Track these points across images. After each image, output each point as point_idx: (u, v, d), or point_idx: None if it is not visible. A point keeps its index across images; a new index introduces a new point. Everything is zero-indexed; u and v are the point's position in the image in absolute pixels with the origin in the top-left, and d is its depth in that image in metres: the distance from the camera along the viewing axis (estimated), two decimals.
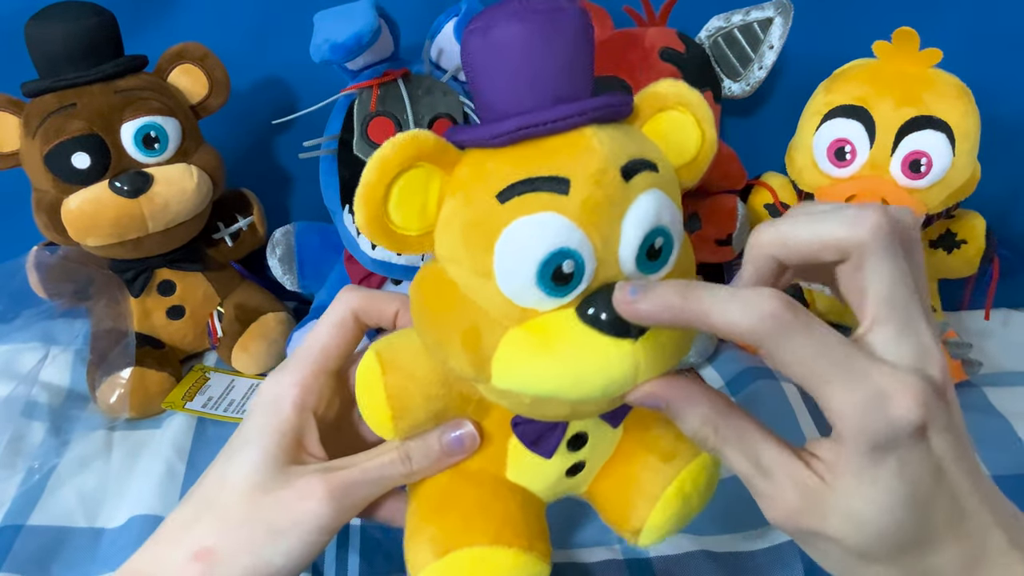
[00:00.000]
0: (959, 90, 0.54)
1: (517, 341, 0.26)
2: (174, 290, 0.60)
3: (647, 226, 0.26)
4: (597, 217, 0.25)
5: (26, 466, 0.52)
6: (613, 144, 0.26)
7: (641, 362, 0.26)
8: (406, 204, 0.27)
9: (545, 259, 0.25)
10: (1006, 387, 0.59)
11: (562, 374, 0.26)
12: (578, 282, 0.26)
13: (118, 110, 0.53)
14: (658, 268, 0.27)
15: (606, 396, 0.26)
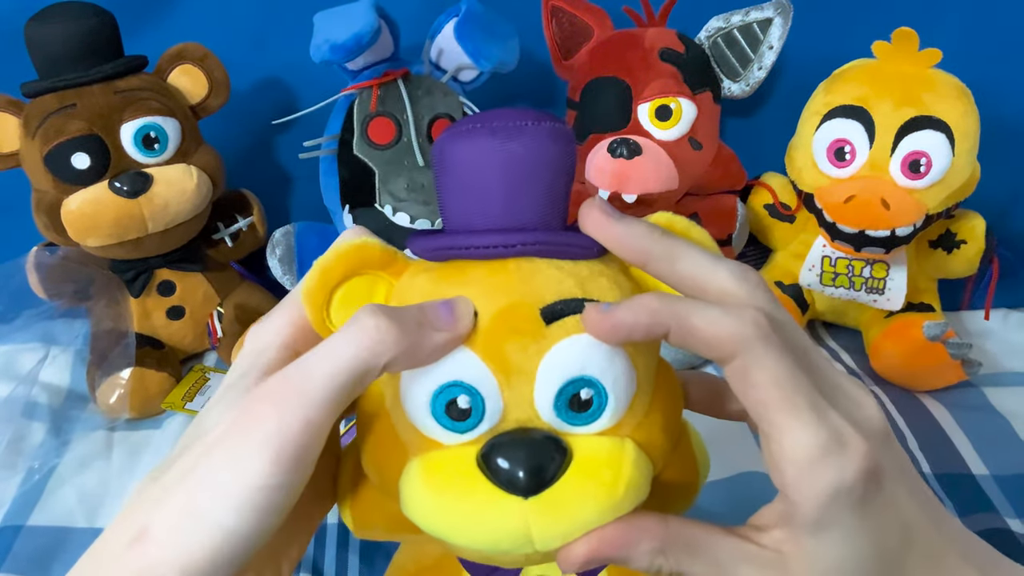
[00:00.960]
0: (959, 90, 0.54)
1: (412, 474, 0.24)
2: (174, 290, 0.60)
3: (563, 375, 0.23)
4: (501, 355, 0.23)
5: (26, 466, 0.52)
6: (541, 282, 0.24)
7: (532, 523, 0.23)
8: (347, 311, 0.25)
9: (437, 391, 0.24)
10: (1006, 387, 0.59)
11: (448, 520, 0.24)
12: (477, 419, 0.24)
13: (118, 110, 0.53)
14: (590, 420, 0.24)
15: (501, 552, 0.24)
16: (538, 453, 0.23)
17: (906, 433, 0.54)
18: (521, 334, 0.24)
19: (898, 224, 0.53)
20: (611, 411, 0.24)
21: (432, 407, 0.24)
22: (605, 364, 0.24)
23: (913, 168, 0.53)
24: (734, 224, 0.62)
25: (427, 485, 0.24)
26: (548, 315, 0.24)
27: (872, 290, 0.59)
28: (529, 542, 0.23)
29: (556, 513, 0.23)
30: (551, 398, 0.24)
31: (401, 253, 0.26)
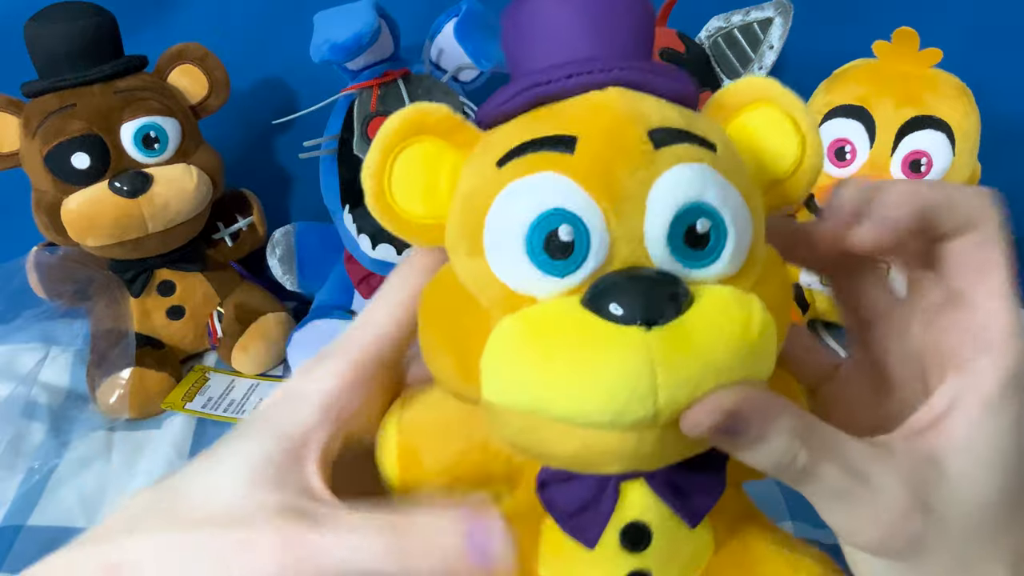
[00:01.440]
0: (959, 90, 0.54)
1: (505, 333, 0.20)
2: (174, 290, 0.60)
3: (679, 201, 0.20)
4: (608, 179, 0.20)
5: (26, 467, 0.52)
6: (644, 106, 0.22)
7: (658, 360, 0.19)
8: (407, 182, 0.23)
9: (535, 221, 0.20)
10: None
11: (551, 374, 0.19)
12: (582, 256, 0.20)
13: (118, 110, 0.53)
14: (707, 261, 0.21)
15: (614, 414, 0.19)
16: (656, 290, 0.20)
17: None
18: (629, 157, 0.21)
19: None
20: (731, 251, 0.21)
21: (528, 243, 0.20)
22: (724, 196, 0.21)
23: (914, 168, 0.53)
24: None
25: (527, 336, 0.20)
26: (658, 139, 0.21)
27: None
28: (653, 391, 0.19)
29: (684, 348, 0.19)
30: (664, 229, 0.20)
31: (468, 122, 0.24)
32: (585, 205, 0.20)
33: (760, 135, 0.23)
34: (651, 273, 0.20)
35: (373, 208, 0.23)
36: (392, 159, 0.23)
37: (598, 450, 0.20)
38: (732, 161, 0.22)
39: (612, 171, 0.20)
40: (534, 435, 0.21)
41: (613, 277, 0.20)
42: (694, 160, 0.21)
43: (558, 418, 0.20)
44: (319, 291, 0.63)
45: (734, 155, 0.23)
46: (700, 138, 0.22)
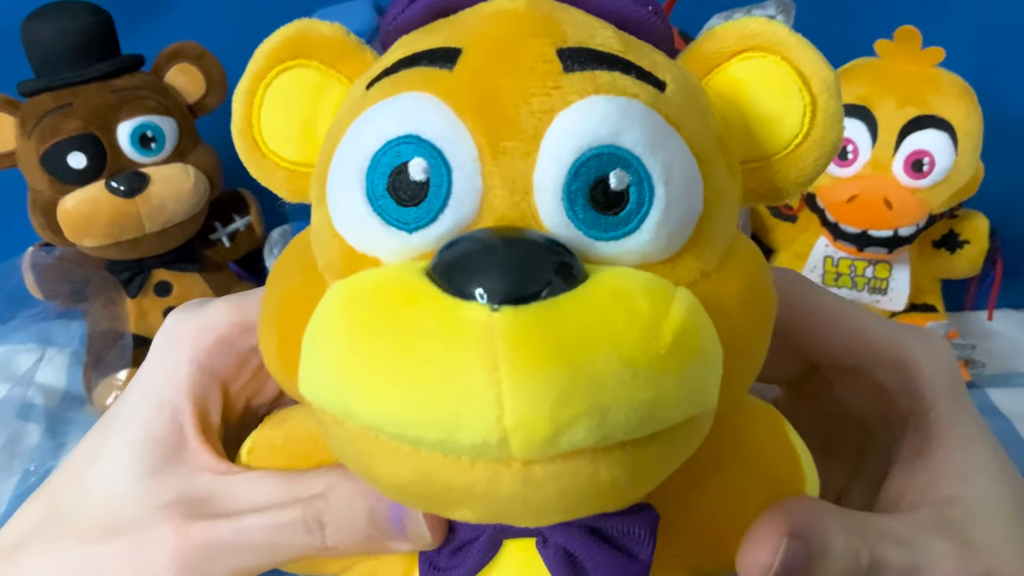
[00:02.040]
0: (962, 89, 0.53)
1: (324, 308, 0.15)
2: (171, 291, 0.60)
3: (588, 141, 0.15)
4: (490, 103, 0.15)
5: (22, 468, 0.51)
6: (562, 17, 0.16)
7: (503, 356, 0.13)
8: (280, 117, 0.18)
9: (378, 152, 0.15)
10: (1009, 388, 0.59)
11: (368, 367, 0.14)
12: (440, 203, 0.15)
13: (114, 109, 0.53)
14: (622, 230, 0.15)
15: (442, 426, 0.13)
16: (527, 263, 0.14)
17: None
18: (524, 76, 0.15)
19: (901, 224, 0.53)
20: (658, 220, 0.15)
21: (369, 181, 0.15)
22: (655, 140, 0.15)
23: (916, 167, 0.53)
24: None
25: (340, 317, 0.14)
26: (572, 59, 0.15)
27: (875, 291, 0.59)
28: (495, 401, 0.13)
29: (545, 345, 0.13)
30: (562, 177, 0.15)
31: (368, 48, 0.19)
32: (452, 133, 0.15)
33: (751, 92, 0.17)
34: (536, 238, 0.14)
35: (237, 146, 0.19)
36: (264, 87, 0.19)
37: (438, 483, 0.14)
38: (686, 107, 0.16)
39: (497, 92, 0.15)
40: (360, 452, 0.15)
41: (478, 235, 0.14)
42: (619, 93, 0.15)
43: (374, 431, 0.14)
44: None
45: (693, 101, 0.17)
46: (638, 68, 0.16)
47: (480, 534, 0.18)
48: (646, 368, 0.13)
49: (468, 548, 0.18)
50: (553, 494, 0.14)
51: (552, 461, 0.14)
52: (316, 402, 0.15)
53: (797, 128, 0.17)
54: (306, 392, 0.15)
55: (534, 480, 0.14)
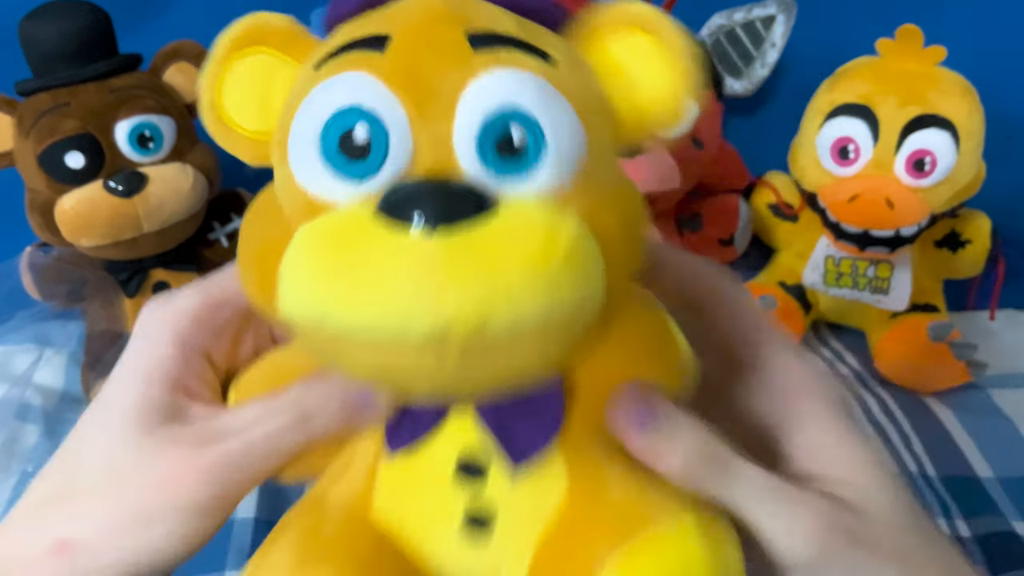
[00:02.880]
0: (963, 88, 0.53)
1: (297, 243, 0.19)
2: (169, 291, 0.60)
3: (491, 104, 0.19)
4: (415, 77, 0.19)
5: (20, 469, 0.51)
6: (470, 8, 0.21)
7: (441, 271, 0.17)
8: (240, 95, 0.23)
9: (330, 119, 0.19)
10: (1011, 388, 0.59)
11: (330, 281, 0.18)
12: (380, 157, 0.19)
13: (112, 109, 0.52)
14: (519, 170, 0.19)
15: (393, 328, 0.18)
16: (451, 196, 0.18)
17: (910, 435, 0.54)
18: (440, 56, 0.20)
19: (903, 223, 0.53)
20: (551, 162, 0.19)
21: (323, 142, 0.20)
22: (545, 101, 0.19)
23: (918, 167, 0.53)
24: (736, 224, 0.62)
25: (312, 242, 0.19)
26: (477, 40, 0.20)
27: (876, 290, 0.59)
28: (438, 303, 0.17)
29: (470, 259, 0.17)
30: (475, 133, 0.19)
31: (311, 35, 0.23)
32: (386, 103, 0.19)
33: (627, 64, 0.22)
34: (453, 182, 0.19)
35: (205, 120, 0.23)
36: (226, 70, 0.23)
37: (398, 368, 0.19)
38: (573, 77, 0.21)
39: (420, 69, 0.19)
40: (335, 352, 0.20)
41: (412, 182, 0.19)
42: (517, 66, 0.20)
43: (344, 332, 0.18)
44: None
45: (579, 72, 0.21)
46: (532, 46, 0.20)
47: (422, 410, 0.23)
48: (545, 273, 0.18)
49: (421, 418, 0.23)
50: (483, 374, 0.19)
51: (481, 349, 0.18)
52: (296, 318, 0.19)
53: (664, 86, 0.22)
54: (287, 312, 0.19)
55: (468, 364, 0.18)
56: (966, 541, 0.46)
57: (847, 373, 0.61)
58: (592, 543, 0.21)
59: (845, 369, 0.62)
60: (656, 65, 0.22)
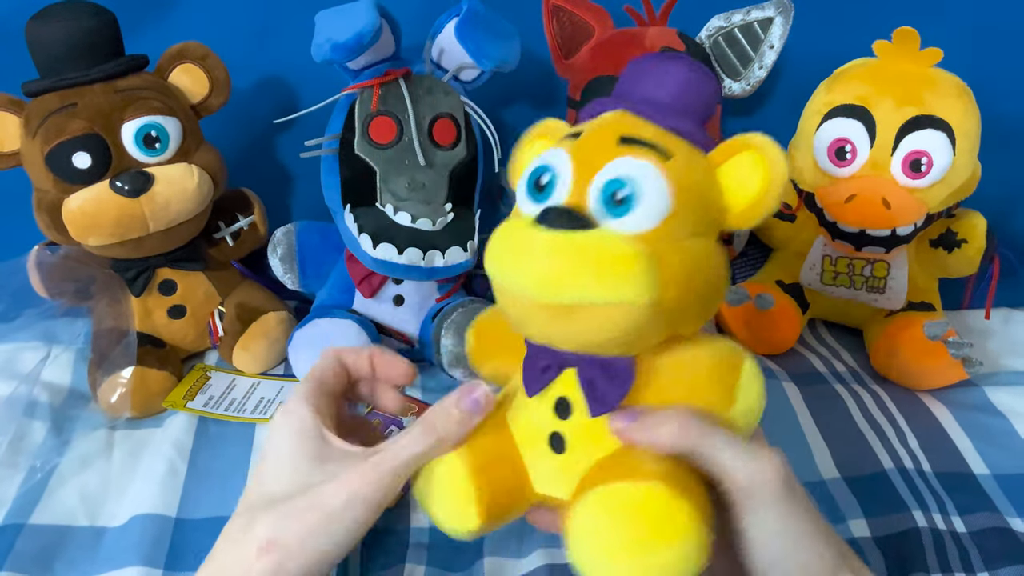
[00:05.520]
0: (960, 89, 0.54)
1: (498, 230, 0.32)
2: (175, 289, 0.60)
3: (611, 175, 0.31)
4: (583, 154, 0.32)
5: (28, 465, 0.52)
6: (628, 122, 0.33)
7: (544, 248, 0.29)
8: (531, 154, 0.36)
9: (534, 169, 0.33)
10: (1007, 386, 0.59)
11: (499, 252, 0.31)
12: (549, 193, 0.32)
13: (119, 110, 0.53)
14: (621, 214, 0.31)
15: (510, 276, 0.30)
16: (570, 216, 0.30)
17: (907, 432, 0.54)
18: (599, 146, 0.32)
19: (899, 223, 0.53)
20: (640, 212, 0.30)
21: (528, 182, 0.33)
22: (646, 174, 0.31)
23: (914, 167, 0.53)
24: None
25: (500, 229, 0.32)
26: (624, 140, 0.32)
27: (873, 289, 0.60)
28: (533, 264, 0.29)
29: (565, 246, 0.29)
30: (600, 187, 0.31)
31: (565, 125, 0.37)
32: (563, 163, 0.32)
33: (735, 170, 0.33)
34: (577, 211, 0.31)
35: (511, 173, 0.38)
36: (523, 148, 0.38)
37: (522, 314, 0.31)
38: (679, 168, 0.31)
39: (587, 151, 0.32)
40: (503, 300, 0.32)
41: (557, 206, 0.31)
42: (640, 157, 0.31)
43: (504, 287, 0.31)
44: (320, 290, 0.63)
45: (688, 167, 0.32)
46: (658, 147, 0.32)
47: (551, 362, 0.34)
48: (604, 270, 0.29)
49: (547, 370, 0.34)
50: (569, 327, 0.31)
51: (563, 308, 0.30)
52: (493, 281, 0.32)
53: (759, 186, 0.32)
54: (491, 276, 0.32)
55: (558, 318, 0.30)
56: (962, 537, 0.46)
57: (844, 371, 0.62)
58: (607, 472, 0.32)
59: (842, 367, 0.63)
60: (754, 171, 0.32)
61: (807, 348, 0.65)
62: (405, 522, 0.47)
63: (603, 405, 0.33)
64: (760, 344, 0.63)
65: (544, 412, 0.35)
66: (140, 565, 0.44)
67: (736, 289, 0.63)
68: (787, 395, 0.57)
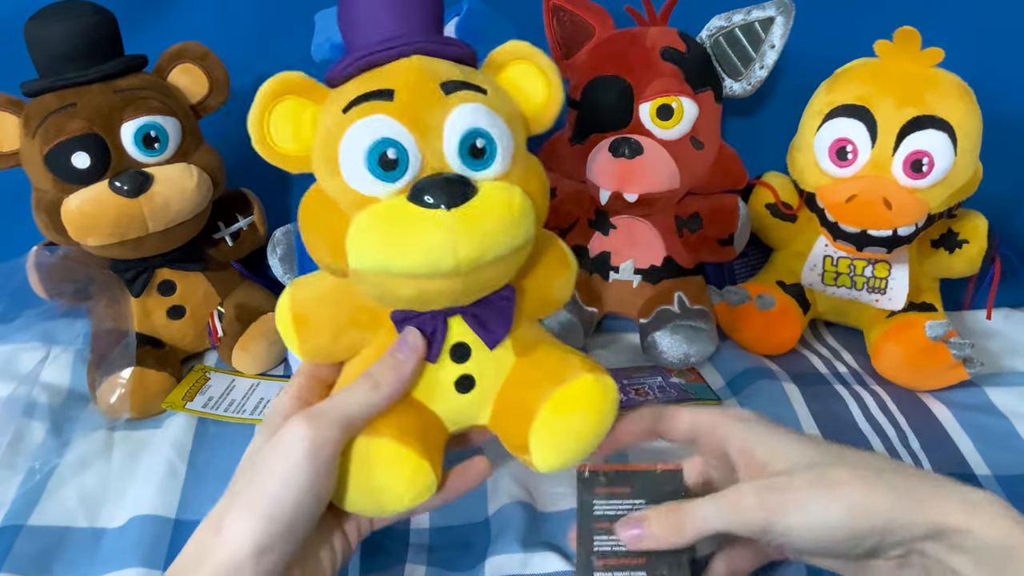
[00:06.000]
0: (961, 89, 0.53)
1: (359, 221, 0.32)
2: (174, 290, 0.60)
3: (463, 128, 0.33)
4: (415, 116, 0.32)
5: (27, 466, 0.52)
6: (436, 66, 0.34)
7: (455, 228, 0.31)
8: (280, 128, 0.35)
9: (371, 147, 0.32)
10: (1008, 387, 0.59)
11: (389, 243, 0.32)
12: (404, 168, 0.32)
13: (118, 110, 0.53)
14: (484, 166, 0.33)
15: (430, 266, 0.31)
16: (454, 184, 0.32)
17: (908, 433, 0.54)
18: (428, 101, 0.33)
19: (900, 224, 0.53)
20: (500, 159, 0.34)
21: (368, 160, 0.32)
22: (492, 123, 0.33)
23: (915, 167, 0.53)
24: (735, 223, 0.62)
25: (372, 221, 0.32)
26: (447, 88, 0.33)
27: (874, 290, 0.59)
28: (455, 250, 0.31)
29: (472, 220, 0.31)
30: (456, 146, 0.33)
31: (320, 83, 0.36)
32: (401, 133, 0.32)
33: (520, 83, 0.37)
34: (450, 176, 0.32)
35: (259, 148, 0.36)
36: (268, 113, 0.35)
37: (429, 292, 0.34)
38: (498, 99, 0.35)
39: (418, 111, 0.33)
40: (386, 287, 0.34)
41: (426, 180, 0.32)
42: (472, 101, 0.33)
43: (397, 273, 0.32)
44: None
45: (501, 95, 0.35)
46: (475, 86, 0.34)
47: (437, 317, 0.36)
48: (510, 225, 0.33)
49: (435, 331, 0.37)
50: (478, 284, 0.34)
51: (476, 270, 0.33)
52: (364, 268, 0.33)
53: (544, 97, 0.37)
54: (357, 265, 0.33)
55: (471, 283, 0.34)
56: None
57: (845, 371, 0.62)
58: (533, 390, 0.38)
59: (843, 367, 0.62)
60: (537, 82, 0.37)
61: (808, 349, 0.65)
62: (405, 522, 0.47)
63: (499, 334, 0.37)
64: (761, 344, 0.63)
65: (443, 364, 0.37)
66: (139, 566, 0.44)
67: (737, 290, 0.63)
68: (788, 395, 0.57)
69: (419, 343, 0.36)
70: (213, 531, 0.32)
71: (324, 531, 0.38)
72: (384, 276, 0.33)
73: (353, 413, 0.35)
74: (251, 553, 0.31)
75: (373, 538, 0.46)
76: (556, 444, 0.37)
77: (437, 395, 0.38)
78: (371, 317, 0.37)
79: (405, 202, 0.32)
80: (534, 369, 0.38)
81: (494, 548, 0.45)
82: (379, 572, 0.44)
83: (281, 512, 0.32)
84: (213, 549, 0.32)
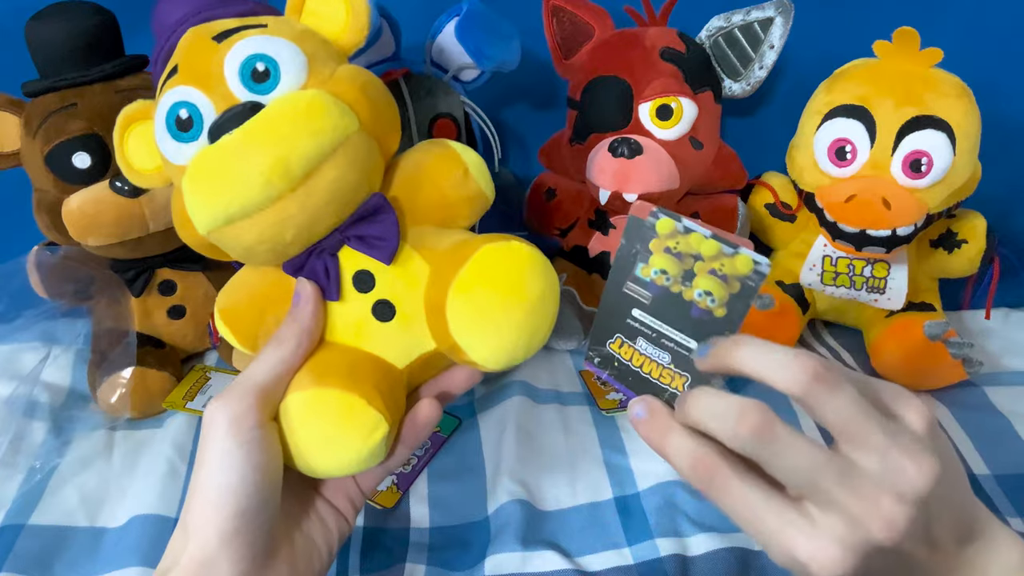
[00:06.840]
0: (960, 90, 0.54)
1: (183, 187, 0.34)
2: (175, 290, 0.60)
3: (239, 57, 0.34)
4: (194, 72, 0.35)
5: (27, 466, 0.52)
6: (211, 27, 0.36)
7: (247, 144, 0.32)
8: (137, 152, 0.40)
9: (166, 115, 0.35)
10: (1007, 386, 0.59)
11: (203, 192, 0.33)
12: (199, 124, 0.34)
13: (118, 110, 0.52)
14: (273, 86, 0.34)
15: (244, 196, 0.32)
16: (243, 110, 0.33)
17: None
18: (203, 55, 0.35)
19: (899, 224, 0.53)
20: (289, 75, 0.34)
21: (169, 129, 0.35)
22: (271, 46, 0.34)
23: (914, 168, 0.53)
24: (735, 224, 0.62)
25: (187, 180, 0.33)
26: (219, 38, 0.35)
27: (873, 289, 0.60)
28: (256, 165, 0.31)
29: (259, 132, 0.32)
30: (237, 77, 0.34)
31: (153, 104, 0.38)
32: (191, 93, 0.34)
33: (319, 10, 0.38)
34: (236, 106, 0.33)
35: (129, 176, 0.40)
36: (124, 140, 0.40)
37: (271, 226, 0.33)
38: (283, 28, 0.36)
39: (196, 68, 0.35)
40: (233, 240, 0.34)
41: (216, 118, 0.34)
42: (245, 37, 0.35)
43: (230, 219, 0.33)
44: None
45: (283, 24, 0.36)
46: (250, 25, 0.36)
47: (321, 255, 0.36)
48: (304, 121, 0.33)
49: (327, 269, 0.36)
50: (319, 198, 0.34)
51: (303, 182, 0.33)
52: (205, 230, 0.34)
53: (344, 21, 0.38)
54: (201, 230, 0.34)
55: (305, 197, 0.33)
56: None
57: None
58: (440, 285, 0.35)
59: None
60: (335, 4, 0.37)
61: (807, 348, 0.66)
62: (405, 522, 0.47)
63: (390, 245, 0.36)
64: None
65: (350, 298, 0.37)
66: (140, 566, 0.44)
67: None
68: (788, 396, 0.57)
69: (308, 287, 0.36)
70: (183, 530, 0.32)
71: (304, 504, 0.37)
72: (225, 230, 0.33)
73: (262, 378, 0.34)
74: (218, 544, 0.31)
75: (373, 537, 0.46)
76: (478, 332, 0.34)
77: (363, 332, 0.37)
78: (282, 288, 0.37)
79: (206, 147, 0.33)
80: (443, 256, 0.36)
81: (494, 547, 0.45)
82: (379, 571, 0.44)
83: (231, 497, 0.32)
84: (185, 548, 0.32)
